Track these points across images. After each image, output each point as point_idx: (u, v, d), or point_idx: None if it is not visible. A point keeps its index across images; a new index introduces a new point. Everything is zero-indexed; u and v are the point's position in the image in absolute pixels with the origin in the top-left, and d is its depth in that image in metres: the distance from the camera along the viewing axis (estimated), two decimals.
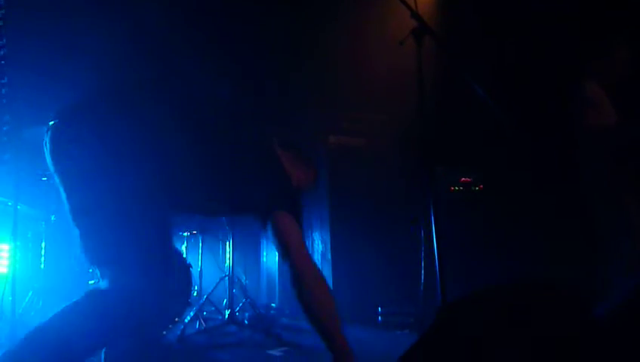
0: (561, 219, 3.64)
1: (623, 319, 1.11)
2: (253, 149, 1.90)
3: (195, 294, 4.05)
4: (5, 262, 3.72)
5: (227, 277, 3.78)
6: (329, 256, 4.09)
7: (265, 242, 4.86)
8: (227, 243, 3.90)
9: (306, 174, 2.05)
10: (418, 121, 2.47)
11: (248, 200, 1.87)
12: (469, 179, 4.05)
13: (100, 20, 3.83)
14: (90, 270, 3.14)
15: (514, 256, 3.43)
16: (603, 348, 1.00)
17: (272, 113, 4.41)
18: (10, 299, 2.99)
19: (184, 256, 3.65)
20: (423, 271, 2.99)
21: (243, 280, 4.17)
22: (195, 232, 3.92)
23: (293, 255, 1.80)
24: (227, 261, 3.88)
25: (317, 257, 4.31)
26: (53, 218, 3.40)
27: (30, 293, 3.30)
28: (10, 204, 3.12)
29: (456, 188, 4.00)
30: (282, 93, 4.36)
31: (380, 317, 3.71)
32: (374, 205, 4.05)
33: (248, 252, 4.79)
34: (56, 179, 1.61)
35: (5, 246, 3.73)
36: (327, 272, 4.08)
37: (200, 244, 3.95)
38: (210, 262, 4.09)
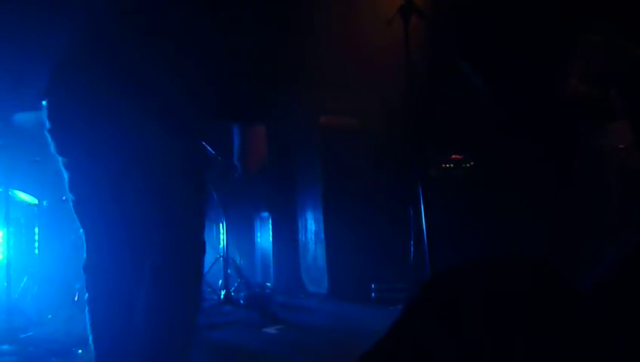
0: (553, 195, 3.68)
1: (609, 289, 1.15)
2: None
3: None
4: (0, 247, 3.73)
5: (222, 258, 3.81)
6: (322, 235, 4.13)
7: (259, 222, 4.89)
8: (220, 224, 3.92)
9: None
10: (407, 99, 2.49)
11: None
12: (459, 157, 4.08)
13: None
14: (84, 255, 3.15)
15: (503, 232, 3.48)
16: (585, 320, 1.03)
17: (260, 93, 4.39)
18: (6, 284, 3.01)
19: None
20: (412, 248, 3.03)
21: (237, 261, 4.21)
22: None
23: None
24: (221, 242, 3.91)
25: (310, 236, 4.35)
26: (45, 203, 3.41)
27: (25, 279, 3.32)
28: (0, 189, 3.11)
29: (447, 165, 4.03)
30: (271, 72, 4.33)
31: (373, 294, 3.77)
32: (366, 184, 4.08)
33: (242, 232, 4.82)
34: (61, 160, 1.58)
35: None
36: (321, 251, 4.13)
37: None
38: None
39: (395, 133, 3.86)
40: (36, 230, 3.54)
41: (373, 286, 3.77)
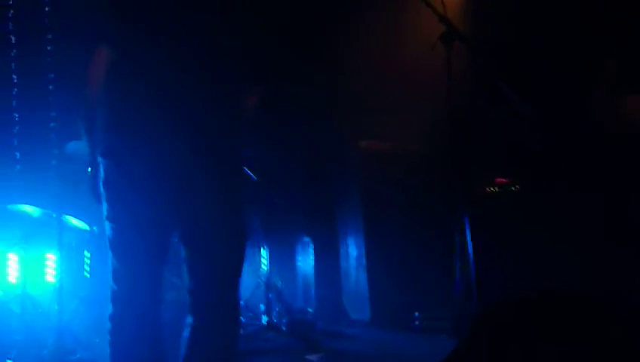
0: (609, 220, 3.53)
1: None
2: None
3: None
4: (52, 271, 3.87)
5: (263, 283, 3.82)
6: (364, 260, 4.09)
7: (300, 247, 4.90)
8: (262, 248, 3.95)
9: None
10: (449, 122, 2.46)
11: None
12: (504, 180, 3.98)
13: None
14: None
15: (552, 260, 3.34)
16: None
17: (300, 116, 4.45)
18: (57, 307, 3.11)
19: None
20: (457, 275, 2.96)
21: (279, 285, 4.21)
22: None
23: None
24: (263, 266, 3.93)
25: (352, 262, 4.31)
26: (95, 229, 3.52)
27: (76, 302, 3.42)
28: (54, 215, 3.25)
29: (492, 189, 3.94)
30: (311, 96, 4.38)
31: (416, 322, 3.69)
32: (408, 208, 4.03)
33: (283, 256, 4.84)
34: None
35: (52, 256, 3.88)
36: (363, 277, 4.08)
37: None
38: (245, 267, 4.13)
39: (436, 157, 3.81)
40: (87, 254, 3.67)
41: (416, 314, 3.69)
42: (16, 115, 3.97)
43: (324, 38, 4.29)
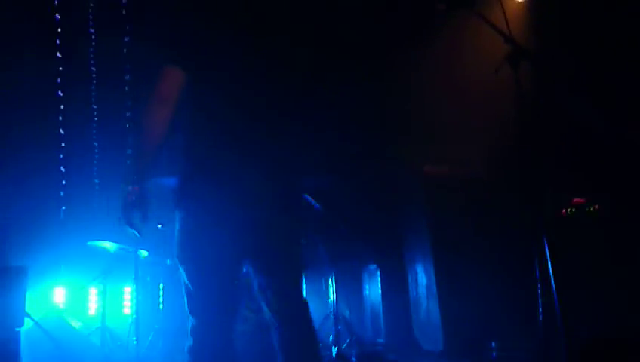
0: None
1: None
2: None
3: None
4: (129, 303, 4.03)
5: (332, 314, 3.78)
6: (434, 289, 3.95)
7: (367, 275, 4.83)
8: (330, 278, 3.91)
9: None
10: (519, 146, 2.36)
11: None
12: (582, 200, 3.75)
13: None
14: None
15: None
16: None
17: (366, 143, 4.44)
18: (135, 339, 3.22)
19: None
20: (540, 303, 2.79)
21: (347, 316, 4.15)
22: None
23: None
24: (331, 297, 3.89)
25: (422, 290, 4.18)
26: (168, 262, 3.64)
27: (152, 334, 3.53)
28: (131, 250, 3.39)
29: (569, 211, 3.73)
30: (377, 122, 4.38)
31: (494, 353, 3.50)
32: (478, 234, 3.88)
33: (350, 286, 4.78)
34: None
35: (128, 289, 4.05)
36: (434, 306, 3.95)
37: (304, 282, 4.00)
38: (313, 298, 4.12)
39: (506, 180, 3.67)
40: (161, 286, 3.79)
41: (493, 344, 3.50)
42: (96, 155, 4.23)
43: (389, 65, 4.29)
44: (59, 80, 4.12)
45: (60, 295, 3.74)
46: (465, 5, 2.23)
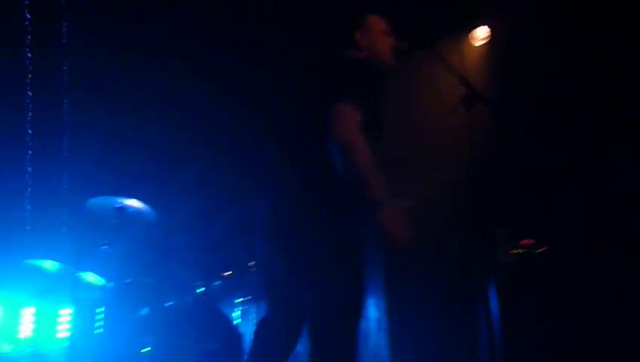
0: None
1: None
2: None
3: None
4: (64, 327, 3.82)
5: None
6: (385, 323, 3.94)
7: None
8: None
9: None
10: (472, 183, 2.40)
11: None
12: (530, 241, 3.84)
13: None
14: (144, 337, 3.16)
15: (586, 327, 3.15)
16: None
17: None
18: None
19: (236, 324, 3.61)
20: (484, 346, 2.80)
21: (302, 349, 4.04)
22: (248, 298, 3.87)
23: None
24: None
25: (372, 325, 4.16)
26: (111, 284, 3.48)
27: (87, 358, 3.34)
28: (72, 270, 3.23)
29: (518, 251, 3.80)
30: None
31: None
32: (430, 271, 3.91)
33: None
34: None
35: (65, 312, 3.84)
36: (384, 342, 3.93)
37: (253, 311, 3.90)
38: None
39: (459, 219, 3.72)
40: (101, 310, 3.61)
41: None
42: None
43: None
44: None
45: None
46: (425, 46, 2.27)
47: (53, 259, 3.27)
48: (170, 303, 3.22)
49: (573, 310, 3.24)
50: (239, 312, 3.94)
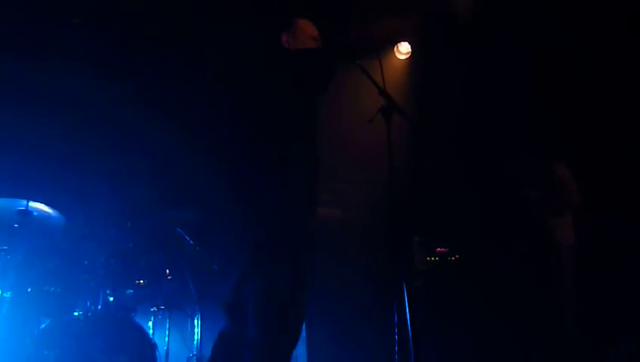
0: (541, 289, 3.58)
1: None
2: None
3: None
4: None
5: (195, 357, 3.57)
6: (304, 333, 3.92)
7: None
8: (195, 319, 3.72)
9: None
10: (390, 192, 2.46)
11: None
12: (444, 249, 4.00)
13: None
14: (45, 352, 2.92)
15: (492, 333, 3.33)
16: None
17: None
18: None
19: (150, 333, 3.45)
20: (396, 349, 2.86)
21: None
22: (162, 307, 3.72)
23: None
24: (195, 339, 3.68)
25: None
26: (8, 294, 3.20)
27: None
28: None
29: (433, 258, 3.95)
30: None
31: None
32: (349, 277, 3.95)
33: (218, 327, 4.57)
34: None
35: None
36: (302, 350, 3.91)
37: (167, 321, 3.74)
38: (177, 340, 3.86)
39: (378, 226, 3.81)
40: None
41: None
42: None
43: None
44: None
45: None
46: (348, 59, 2.34)
47: None
48: (76, 313, 3.02)
49: (483, 312, 3.41)
50: (151, 323, 3.77)
